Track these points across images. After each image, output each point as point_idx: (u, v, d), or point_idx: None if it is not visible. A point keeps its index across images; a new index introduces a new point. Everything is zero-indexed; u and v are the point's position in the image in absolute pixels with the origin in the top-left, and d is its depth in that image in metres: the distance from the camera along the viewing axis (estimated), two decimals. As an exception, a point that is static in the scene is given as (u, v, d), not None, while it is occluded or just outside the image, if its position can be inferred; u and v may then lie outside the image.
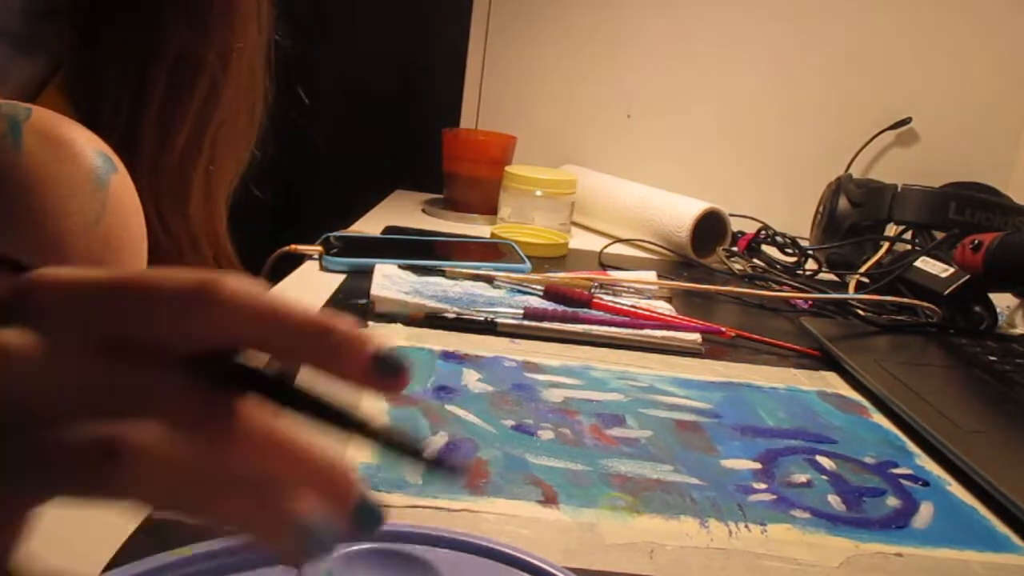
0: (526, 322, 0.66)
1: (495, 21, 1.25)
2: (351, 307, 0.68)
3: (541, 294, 0.73)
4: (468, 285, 0.74)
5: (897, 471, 0.48)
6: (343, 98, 1.43)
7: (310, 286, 0.73)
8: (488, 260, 0.83)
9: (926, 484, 0.47)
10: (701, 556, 0.37)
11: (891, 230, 0.97)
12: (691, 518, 0.40)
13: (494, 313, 0.66)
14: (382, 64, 1.45)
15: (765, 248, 1.03)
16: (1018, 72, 1.24)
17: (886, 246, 0.93)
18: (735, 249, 1.00)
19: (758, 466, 0.47)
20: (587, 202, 1.10)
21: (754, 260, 0.99)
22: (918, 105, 1.25)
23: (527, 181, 1.02)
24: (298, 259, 0.80)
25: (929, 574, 0.38)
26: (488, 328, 0.65)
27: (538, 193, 1.01)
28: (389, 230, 0.98)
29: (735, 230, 1.03)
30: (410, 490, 0.40)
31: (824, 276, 0.96)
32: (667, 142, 1.28)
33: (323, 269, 0.78)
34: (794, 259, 0.99)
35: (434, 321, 0.65)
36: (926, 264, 0.82)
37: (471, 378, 0.54)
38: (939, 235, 0.90)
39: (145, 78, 0.54)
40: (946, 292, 0.77)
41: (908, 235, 0.94)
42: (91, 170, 0.40)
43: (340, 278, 0.76)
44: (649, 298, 0.77)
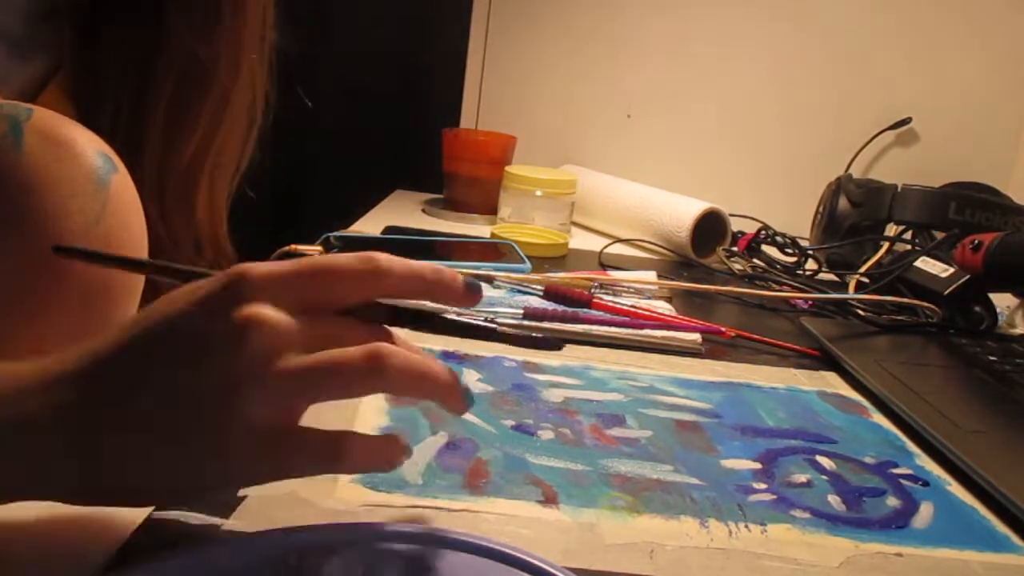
0: (526, 322, 0.66)
1: (495, 21, 1.25)
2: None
3: (541, 294, 0.73)
4: (468, 285, 0.74)
5: (897, 471, 0.48)
6: (343, 98, 1.43)
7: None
8: (488, 260, 0.83)
9: (926, 484, 0.47)
10: (701, 556, 0.37)
11: (891, 230, 0.97)
12: (691, 518, 0.40)
13: (494, 313, 0.66)
14: (382, 64, 1.45)
15: (765, 248, 1.03)
16: (1018, 72, 1.24)
17: (886, 246, 0.93)
18: (735, 249, 1.00)
19: (758, 466, 0.47)
20: (587, 202, 1.10)
21: (754, 260, 0.99)
22: (918, 105, 1.25)
23: (527, 181, 1.02)
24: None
25: (929, 574, 0.38)
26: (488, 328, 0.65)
27: (538, 193, 1.01)
28: (389, 230, 0.98)
29: (735, 230, 1.03)
30: (410, 490, 0.40)
31: (824, 276, 0.96)
32: (667, 142, 1.28)
33: (323, 269, 0.78)
34: (794, 259, 0.99)
35: (434, 321, 0.65)
36: (926, 264, 0.82)
37: (471, 378, 0.54)
38: (939, 235, 0.90)
39: (149, 81, 0.54)
40: (946, 292, 0.77)
41: (908, 235, 0.94)
42: (92, 170, 0.40)
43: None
44: (649, 298, 0.77)
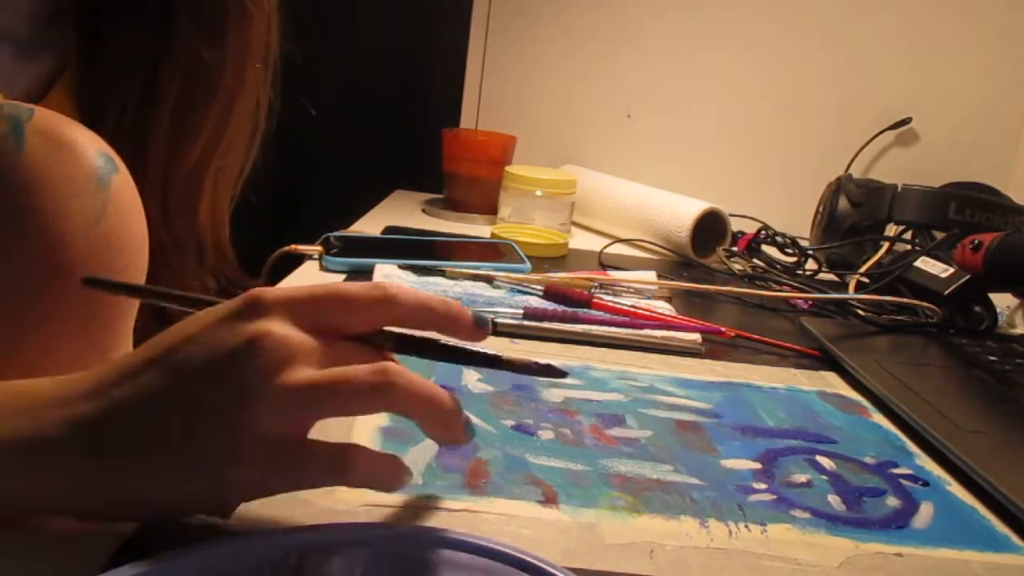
0: (526, 322, 0.66)
1: (495, 21, 1.25)
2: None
3: (541, 294, 0.73)
4: (468, 285, 0.74)
5: (897, 471, 0.48)
6: (343, 98, 1.43)
7: (310, 286, 0.73)
8: (488, 260, 0.83)
9: (926, 484, 0.47)
10: (701, 556, 0.37)
11: (891, 230, 0.97)
12: (691, 518, 0.40)
13: (494, 313, 0.66)
14: (382, 64, 1.45)
15: (765, 248, 1.03)
16: (1018, 72, 1.24)
17: (886, 246, 0.93)
18: (735, 249, 1.00)
19: (758, 466, 0.47)
20: (587, 202, 1.10)
21: (754, 260, 0.99)
22: (918, 105, 1.25)
23: (527, 181, 1.02)
24: (298, 259, 0.80)
25: (929, 574, 0.38)
26: (488, 328, 0.65)
27: (538, 193, 1.01)
28: (389, 230, 0.98)
29: (735, 230, 1.03)
30: (410, 490, 0.40)
31: (824, 276, 0.96)
32: (667, 142, 1.28)
33: (323, 269, 0.78)
34: (794, 259, 0.99)
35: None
36: (926, 264, 0.82)
37: (471, 378, 0.54)
38: (939, 235, 0.90)
39: (155, 83, 0.54)
40: (946, 292, 0.77)
41: (908, 235, 0.94)
42: (93, 170, 0.40)
43: (340, 278, 0.76)
44: (649, 298, 0.77)
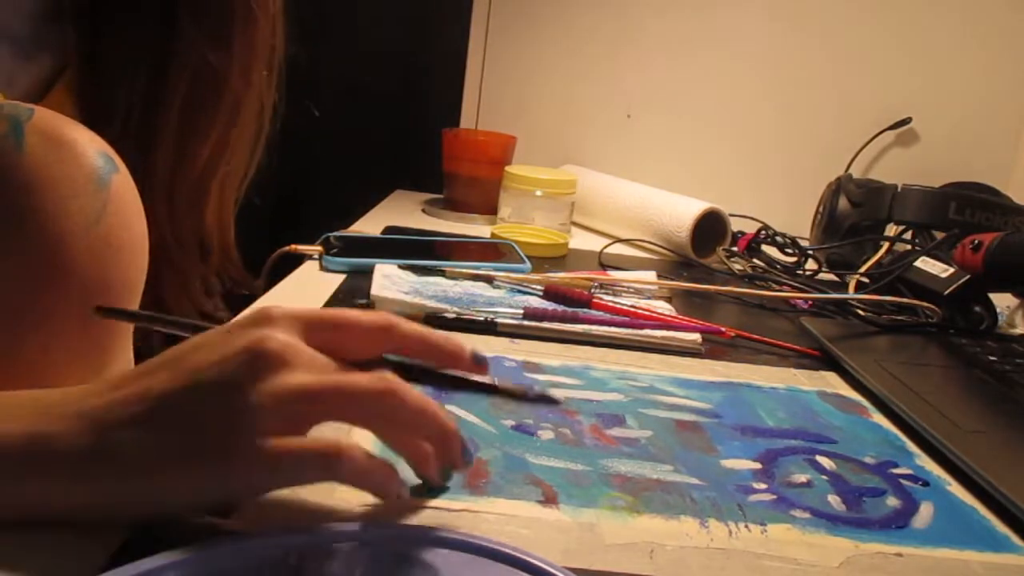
0: (526, 322, 0.66)
1: (495, 21, 1.25)
2: (351, 307, 0.68)
3: (541, 294, 0.73)
4: (468, 285, 0.74)
5: (897, 471, 0.48)
6: (343, 98, 1.43)
7: (310, 286, 0.73)
8: (488, 260, 0.83)
9: (926, 484, 0.47)
10: (701, 556, 0.37)
11: (891, 230, 0.97)
12: (691, 518, 0.40)
13: (494, 313, 0.66)
14: (382, 64, 1.45)
15: (765, 248, 1.03)
16: (1018, 72, 1.24)
17: (886, 246, 0.93)
18: (735, 249, 1.00)
19: (758, 466, 0.47)
20: (587, 202, 1.10)
21: (754, 260, 0.99)
22: (918, 105, 1.25)
23: (527, 181, 1.02)
24: (298, 259, 0.80)
25: (929, 574, 0.38)
26: (488, 328, 0.65)
27: (538, 193, 1.01)
28: (389, 230, 0.98)
29: (735, 230, 1.03)
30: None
31: (824, 276, 0.96)
32: (667, 142, 1.28)
33: (323, 269, 0.78)
34: (794, 259, 0.99)
35: (434, 321, 0.65)
36: (926, 264, 0.82)
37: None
38: (939, 235, 0.90)
39: (161, 84, 0.54)
40: (946, 292, 0.77)
41: (908, 235, 0.94)
42: (93, 170, 0.40)
43: (340, 278, 0.76)
44: (649, 298, 0.77)
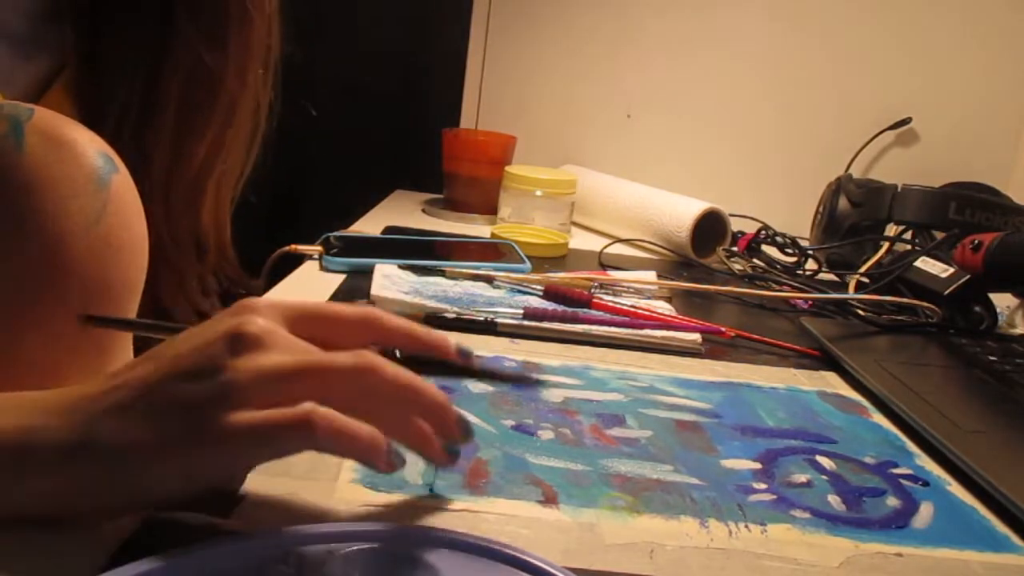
0: (526, 322, 0.66)
1: (495, 21, 1.25)
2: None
3: (541, 294, 0.73)
4: (468, 285, 0.74)
5: (897, 471, 0.48)
6: (343, 98, 1.43)
7: (310, 286, 0.73)
8: (488, 260, 0.83)
9: (926, 484, 0.47)
10: (701, 556, 0.37)
11: (891, 230, 0.97)
12: (691, 518, 0.40)
13: (494, 313, 0.66)
14: (382, 64, 1.45)
15: (765, 248, 1.03)
16: (1018, 72, 1.24)
17: (886, 246, 0.93)
18: (735, 249, 1.00)
19: (758, 466, 0.47)
20: (587, 202, 1.10)
21: (754, 260, 0.99)
22: (918, 105, 1.25)
23: (527, 181, 1.02)
24: (298, 259, 0.80)
25: (929, 574, 0.38)
26: (488, 328, 0.65)
27: (538, 193, 1.01)
28: (389, 230, 0.98)
29: (735, 230, 1.03)
30: (410, 490, 0.40)
31: (824, 276, 0.96)
32: (667, 142, 1.28)
33: (323, 269, 0.78)
34: (794, 259, 0.99)
35: (434, 321, 0.65)
36: (926, 264, 0.82)
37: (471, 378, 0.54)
38: (939, 235, 0.90)
39: (157, 84, 0.54)
40: (946, 292, 0.77)
41: (908, 235, 0.94)
42: (93, 170, 0.40)
43: (340, 278, 0.76)
44: (649, 298, 0.77)
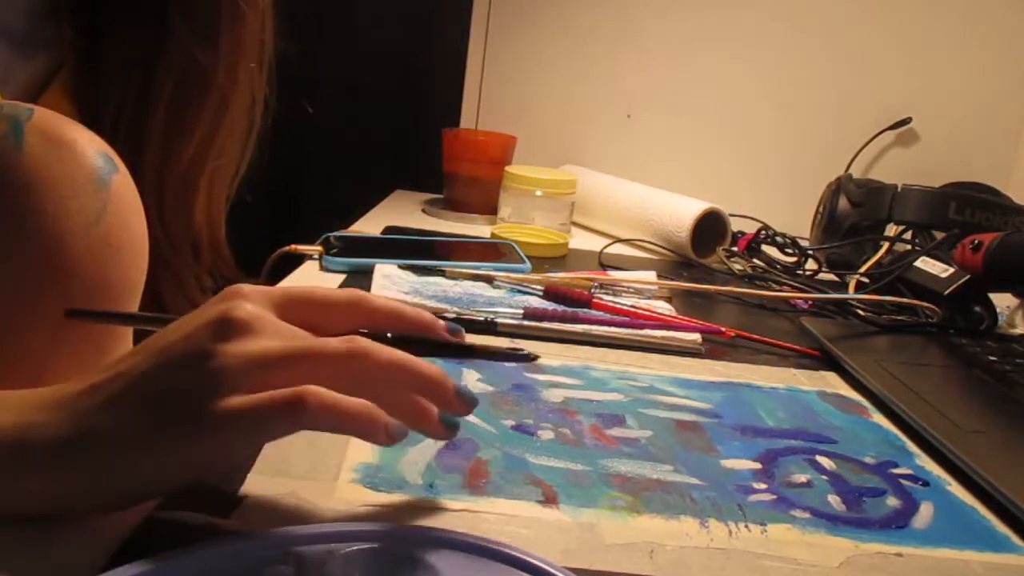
0: (526, 322, 0.66)
1: (495, 21, 1.25)
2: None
3: (541, 294, 0.73)
4: (468, 285, 0.74)
5: (897, 471, 0.48)
6: (343, 98, 1.43)
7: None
8: (488, 260, 0.83)
9: (926, 484, 0.47)
10: (701, 556, 0.37)
11: (891, 230, 0.97)
12: (691, 518, 0.40)
13: (494, 313, 0.66)
14: (382, 64, 1.45)
15: (765, 248, 1.03)
16: (1018, 72, 1.24)
17: (886, 246, 0.93)
18: (735, 249, 1.00)
19: (758, 466, 0.47)
20: (587, 202, 1.10)
21: (754, 260, 0.99)
22: (918, 105, 1.25)
23: (527, 181, 1.02)
24: (298, 259, 0.80)
25: (929, 574, 0.38)
26: (488, 328, 0.65)
27: (538, 193, 1.01)
28: (389, 230, 0.98)
29: (735, 230, 1.03)
30: (410, 490, 0.40)
31: (824, 276, 0.96)
32: (667, 142, 1.28)
33: (323, 269, 0.78)
34: (794, 259, 0.99)
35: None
36: (926, 264, 0.82)
37: (471, 378, 0.54)
38: (939, 235, 0.90)
39: (150, 83, 0.55)
40: (946, 292, 0.77)
41: (908, 235, 0.94)
42: (93, 170, 0.40)
43: (340, 278, 0.76)
44: (649, 298, 0.77)
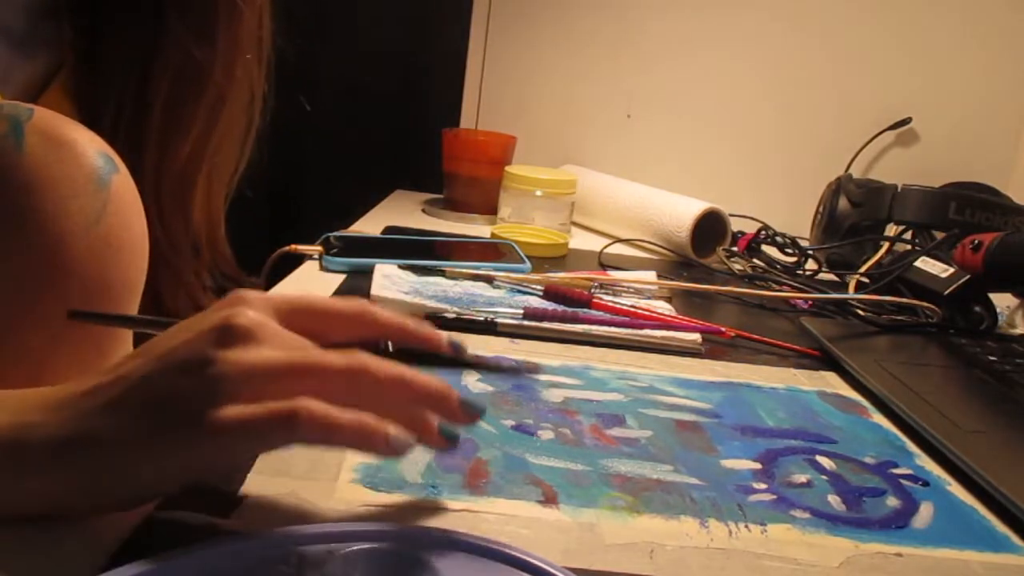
0: (526, 322, 0.66)
1: (495, 21, 1.25)
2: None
3: (541, 294, 0.73)
4: (468, 285, 0.74)
5: (897, 471, 0.48)
6: (343, 98, 1.43)
7: (310, 286, 0.73)
8: (488, 260, 0.83)
9: (926, 484, 0.47)
10: (701, 556, 0.37)
11: (891, 230, 0.97)
12: (691, 518, 0.40)
13: (494, 313, 0.66)
14: (382, 64, 1.45)
15: (765, 248, 1.03)
16: (1018, 72, 1.24)
17: (886, 246, 0.93)
18: (735, 249, 1.00)
19: (758, 466, 0.47)
20: (587, 202, 1.10)
21: (754, 260, 0.99)
22: (918, 105, 1.25)
23: (527, 181, 1.02)
24: (298, 259, 0.80)
25: (929, 574, 0.38)
26: (488, 328, 0.65)
27: (538, 193, 1.01)
28: (389, 230, 0.98)
29: (735, 230, 1.03)
30: (410, 490, 0.40)
31: (824, 276, 0.96)
32: (667, 142, 1.28)
33: (323, 269, 0.78)
34: (794, 259, 0.99)
35: (434, 321, 0.65)
36: (926, 264, 0.82)
37: (471, 378, 0.54)
38: (939, 235, 0.90)
39: (147, 81, 0.55)
40: (946, 292, 0.77)
41: (908, 235, 0.94)
42: (93, 170, 0.40)
43: (340, 278, 0.76)
44: (649, 298, 0.77)
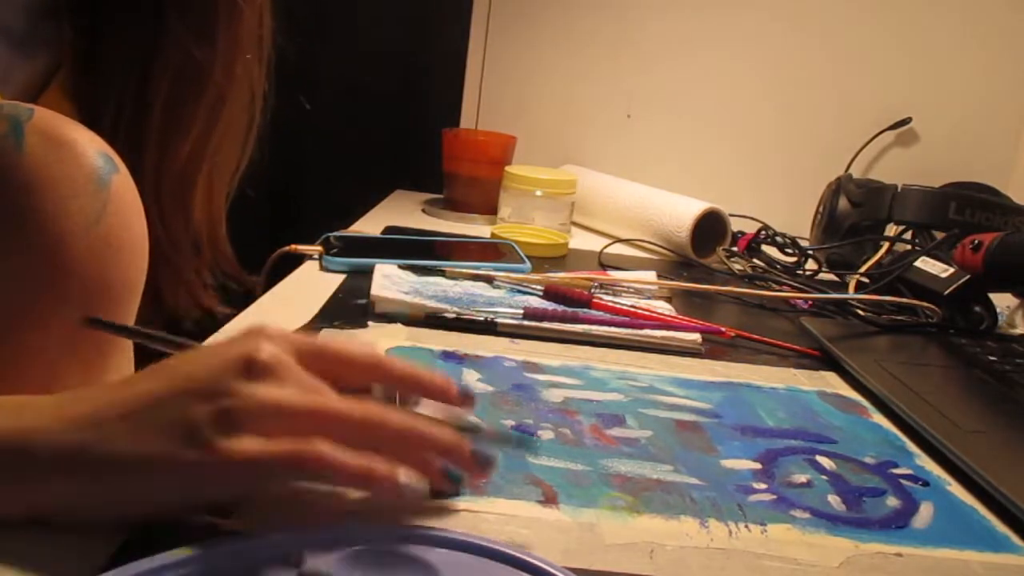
0: (526, 322, 0.66)
1: (495, 21, 1.25)
2: (351, 307, 0.68)
3: (541, 294, 0.73)
4: (468, 285, 0.74)
5: (897, 471, 0.48)
6: (343, 98, 1.43)
7: (310, 286, 0.73)
8: (488, 260, 0.83)
9: (926, 484, 0.47)
10: (701, 556, 0.37)
11: (891, 230, 0.97)
12: (691, 518, 0.40)
13: (494, 313, 0.66)
14: (382, 64, 1.45)
15: (765, 248, 1.03)
16: (1018, 72, 1.24)
17: (886, 246, 0.93)
18: (735, 249, 1.00)
19: (758, 466, 0.47)
20: (587, 202, 1.10)
21: (754, 260, 0.99)
22: (918, 105, 1.25)
23: (527, 181, 1.02)
24: (298, 259, 0.80)
25: (929, 574, 0.38)
26: (488, 328, 0.65)
27: (538, 193, 1.01)
28: (389, 230, 0.98)
29: (735, 230, 1.03)
30: (409, 490, 0.39)
31: (824, 276, 0.96)
32: (667, 142, 1.28)
33: (323, 269, 0.78)
34: (794, 259, 0.99)
35: (434, 321, 0.65)
36: (926, 264, 0.82)
37: (471, 378, 0.54)
38: (939, 235, 0.90)
39: (147, 81, 0.55)
40: (946, 292, 0.77)
41: (908, 235, 0.94)
42: (93, 170, 0.40)
43: (340, 278, 0.76)
44: (649, 298, 0.77)
